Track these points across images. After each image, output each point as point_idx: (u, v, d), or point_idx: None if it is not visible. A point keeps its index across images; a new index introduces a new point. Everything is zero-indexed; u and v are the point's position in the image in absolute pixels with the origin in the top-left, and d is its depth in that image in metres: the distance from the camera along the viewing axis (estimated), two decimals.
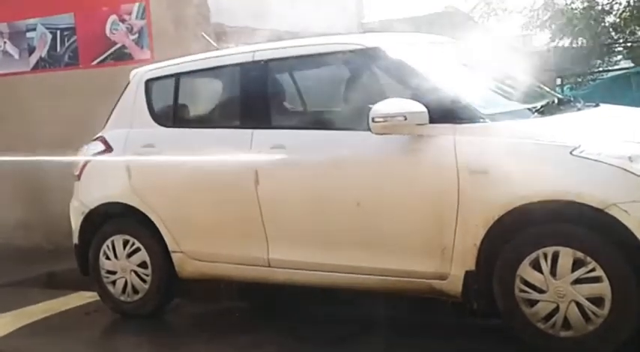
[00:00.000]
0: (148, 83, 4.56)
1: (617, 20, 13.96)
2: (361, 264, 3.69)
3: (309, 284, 3.95)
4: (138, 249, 4.43)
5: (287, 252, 3.91)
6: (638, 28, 13.86)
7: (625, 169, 3.05)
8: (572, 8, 14.01)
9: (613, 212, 3.02)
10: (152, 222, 4.34)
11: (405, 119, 3.43)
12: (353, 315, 4.14)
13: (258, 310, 4.63)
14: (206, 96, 4.80)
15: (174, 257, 4.31)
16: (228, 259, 4.12)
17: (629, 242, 3.02)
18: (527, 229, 3.26)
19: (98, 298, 4.72)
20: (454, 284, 3.44)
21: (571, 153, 3.15)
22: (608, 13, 14.00)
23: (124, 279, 4.50)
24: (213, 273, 4.24)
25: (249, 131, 4.02)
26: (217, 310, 4.68)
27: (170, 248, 4.31)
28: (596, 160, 3.10)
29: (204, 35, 5.58)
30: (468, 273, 3.39)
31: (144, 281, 4.43)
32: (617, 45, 14.52)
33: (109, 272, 4.56)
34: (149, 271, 4.40)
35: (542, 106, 3.68)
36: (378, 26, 11.42)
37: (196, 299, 4.75)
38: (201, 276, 4.31)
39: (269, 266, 3.98)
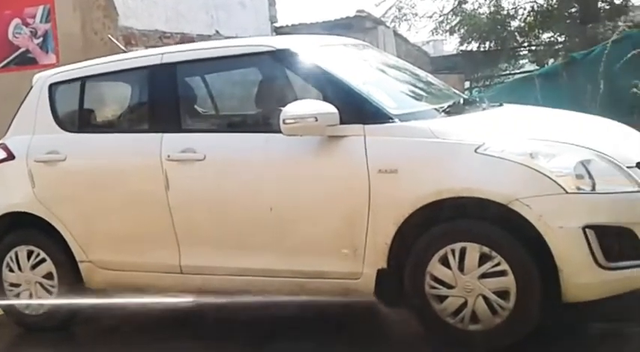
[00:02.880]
0: (52, 87, 4.40)
1: (522, 25, 14.50)
2: (276, 266, 3.67)
3: (223, 289, 3.90)
4: (43, 260, 4.26)
5: (200, 258, 3.85)
6: (541, 32, 14.44)
7: (526, 165, 3.16)
8: (479, 13, 14.48)
9: (516, 207, 3.11)
10: (58, 231, 4.19)
11: (316, 120, 3.44)
12: (272, 317, 4.11)
13: (175, 319, 4.53)
14: (113, 100, 4.68)
15: (82, 267, 4.17)
16: (138, 267, 4.02)
17: (531, 236, 3.12)
18: (436, 226, 3.33)
19: (1, 312, 4.51)
20: (367, 283, 3.46)
21: (475, 151, 3.24)
22: (513, 17, 14.53)
23: (28, 292, 4.31)
24: (124, 283, 4.12)
25: (159, 135, 3.94)
26: (129, 320, 4.55)
27: (77, 257, 4.17)
28: (499, 157, 3.20)
29: (111, 38, 5.45)
30: (380, 272, 3.43)
31: (50, 293, 4.26)
32: (522, 48, 15.09)
33: (12, 285, 4.36)
34: (55, 282, 4.24)
35: (448, 106, 3.77)
36: (291, 30, 11.47)
37: (109, 311, 4.60)
38: (111, 286, 4.18)
39: (181, 273, 3.91)
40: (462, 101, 4.04)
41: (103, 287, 4.20)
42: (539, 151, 3.21)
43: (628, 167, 3.23)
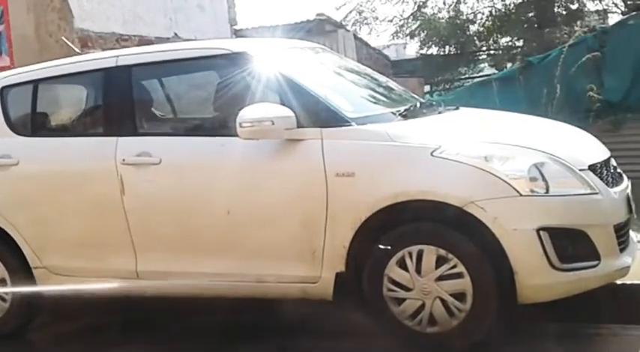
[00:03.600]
0: (4, 90, 4.31)
1: (481, 29, 14.68)
2: (234, 270, 3.65)
3: (181, 294, 3.86)
4: None
5: (156, 263, 3.80)
6: (499, 36, 14.63)
7: (481, 168, 3.19)
8: (438, 18, 14.61)
9: (471, 209, 3.14)
10: (10, 237, 4.10)
11: (273, 124, 3.43)
12: (232, 323, 4.09)
13: (132, 324, 4.47)
14: (67, 103, 4.61)
15: (36, 273, 4.08)
16: (94, 273, 3.95)
17: (487, 238, 3.15)
18: (394, 229, 3.34)
19: None
20: (325, 286, 3.46)
21: (432, 154, 3.26)
22: (472, 22, 14.70)
23: None
24: (80, 288, 4.04)
25: (114, 138, 3.89)
26: (87, 326, 4.48)
27: (31, 264, 4.08)
28: (454, 160, 3.23)
29: (65, 40, 5.35)
30: (338, 275, 3.43)
31: (3, 300, 4.17)
32: (480, 53, 15.27)
33: None
34: (8, 289, 4.15)
35: (405, 110, 3.79)
36: (251, 33, 11.43)
37: (65, 317, 4.52)
38: (66, 292, 4.10)
39: (138, 277, 3.86)
40: (418, 105, 4.07)
41: (58, 293, 4.11)
42: (494, 154, 3.24)
43: (581, 170, 3.29)
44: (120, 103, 3.97)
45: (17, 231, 4.09)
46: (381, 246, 3.33)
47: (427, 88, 13.42)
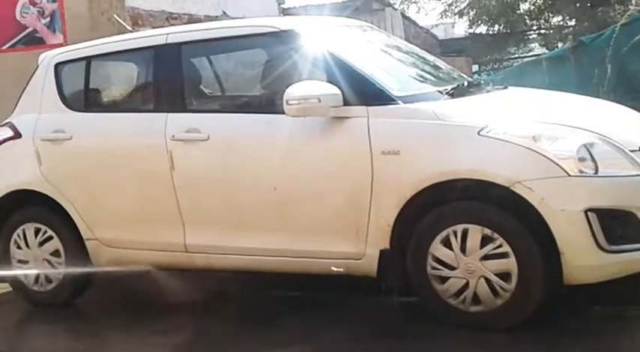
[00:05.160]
0: (58, 67, 4.42)
1: (532, 8, 14.39)
2: (279, 246, 3.70)
3: (227, 268, 3.94)
4: (50, 237, 4.31)
5: (204, 237, 3.88)
6: (551, 15, 14.33)
7: (529, 148, 3.16)
8: None
9: (518, 189, 3.12)
10: (64, 209, 4.22)
11: (319, 101, 3.45)
12: (275, 297, 4.15)
13: (178, 296, 4.57)
14: (119, 79, 4.70)
15: (88, 244, 4.21)
16: (144, 245, 4.05)
17: (533, 218, 3.13)
18: (438, 208, 3.34)
19: (10, 289, 4.57)
20: (369, 263, 3.49)
21: (478, 133, 3.24)
22: (523, 0, 14.41)
23: (36, 269, 4.36)
24: (130, 260, 4.16)
25: (164, 115, 3.96)
26: (136, 297, 4.60)
27: (84, 235, 4.21)
28: (502, 140, 3.21)
29: (117, 18, 5.45)
30: (382, 252, 3.45)
31: (57, 270, 4.31)
32: (531, 32, 14.99)
33: (20, 261, 4.42)
34: (62, 260, 4.29)
35: (452, 89, 3.76)
36: (299, 11, 11.43)
37: (115, 286, 4.66)
38: (117, 264, 4.22)
39: (186, 251, 3.94)
40: (466, 84, 4.04)
41: (109, 264, 4.23)
42: (542, 134, 3.20)
43: (631, 150, 3.23)
44: (169, 80, 4.04)
45: (71, 203, 4.21)
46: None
47: (475, 67, 13.25)
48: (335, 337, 3.51)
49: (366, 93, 3.51)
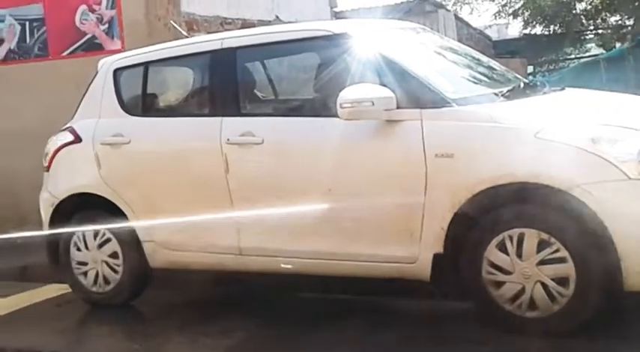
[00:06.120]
0: (116, 72, 4.52)
1: (588, 7, 14.09)
2: (332, 249, 3.71)
3: (281, 271, 3.96)
4: (109, 240, 4.40)
5: (258, 240, 3.91)
6: (608, 15, 14.00)
7: (588, 151, 3.10)
8: None
9: (576, 193, 3.06)
10: (122, 212, 4.32)
11: (373, 104, 3.44)
12: (324, 300, 4.17)
13: (230, 298, 4.64)
14: (175, 84, 4.78)
15: (146, 246, 4.29)
16: (199, 248, 4.11)
17: (592, 223, 3.06)
18: (493, 212, 3.30)
19: (69, 290, 4.70)
20: (423, 267, 3.46)
21: (535, 135, 3.19)
22: (579, 0, 14.12)
23: (95, 270, 4.47)
24: (185, 262, 4.23)
25: (219, 119, 4.01)
26: (190, 299, 4.69)
27: (141, 237, 4.29)
28: (559, 142, 3.15)
29: (173, 24, 5.55)
30: (436, 256, 3.42)
31: (115, 271, 4.41)
32: (587, 32, 14.66)
33: (79, 263, 4.53)
34: (120, 261, 4.39)
35: (508, 91, 3.71)
36: (351, 14, 11.44)
37: (170, 288, 4.75)
38: (173, 266, 4.30)
39: (240, 254, 3.99)
40: (522, 85, 3.98)
41: (166, 266, 4.31)
42: (602, 136, 3.14)
43: None
44: (224, 85, 4.09)
45: (129, 206, 4.30)
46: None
47: (530, 68, 13.03)
48: (384, 340, 3.49)
49: (419, 96, 3.50)
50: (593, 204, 3.04)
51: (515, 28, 16.03)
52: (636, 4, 12.97)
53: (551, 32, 14.22)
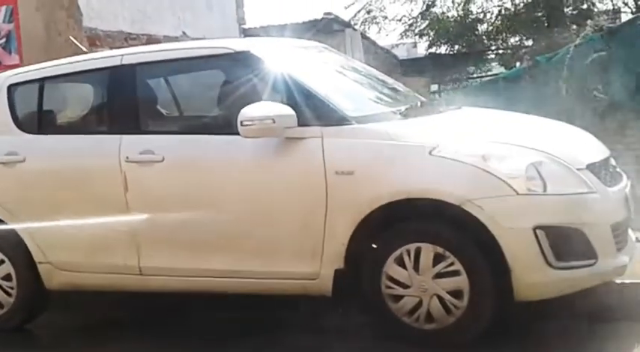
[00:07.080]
0: (11, 88, 4.36)
1: (490, 28, 14.68)
2: (234, 267, 3.69)
3: (182, 290, 3.91)
4: (1, 261, 4.22)
5: (158, 259, 3.85)
6: (508, 35, 14.63)
7: (479, 167, 3.22)
8: (447, 17, 14.62)
9: (468, 208, 3.17)
10: (16, 232, 4.15)
11: (274, 122, 3.46)
12: (231, 318, 4.13)
13: (134, 320, 4.53)
14: (73, 101, 4.66)
15: (41, 268, 4.14)
16: (98, 268, 4.00)
17: (484, 236, 3.18)
18: (392, 227, 3.38)
19: None
20: (325, 283, 3.50)
21: (430, 152, 3.29)
22: (481, 21, 14.70)
23: None
24: (84, 284, 4.10)
25: (118, 136, 3.94)
26: (89, 321, 4.54)
27: (36, 259, 4.14)
28: (452, 159, 3.26)
29: (72, 39, 5.42)
30: (337, 272, 3.46)
31: (9, 294, 4.22)
32: (489, 52, 15.26)
33: None
34: (14, 284, 4.21)
35: (405, 109, 3.82)
36: (260, 32, 11.48)
37: (71, 311, 4.59)
38: (72, 287, 4.16)
39: (141, 274, 3.91)
40: (419, 104, 4.09)
41: (63, 288, 4.17)
42: (492, 153, 3.27)
43: (578, 169, 3.31)
44: (124, 102, 4.02)
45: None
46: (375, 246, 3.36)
47: (435, 87, 13.44)
48: None
49: (320, 114, 3.54)
50: (484, 219, 3.16)
51: (423, 48, 16.50)
52: (535, 25, 13.63)
53: (455, 52, 14.74)
